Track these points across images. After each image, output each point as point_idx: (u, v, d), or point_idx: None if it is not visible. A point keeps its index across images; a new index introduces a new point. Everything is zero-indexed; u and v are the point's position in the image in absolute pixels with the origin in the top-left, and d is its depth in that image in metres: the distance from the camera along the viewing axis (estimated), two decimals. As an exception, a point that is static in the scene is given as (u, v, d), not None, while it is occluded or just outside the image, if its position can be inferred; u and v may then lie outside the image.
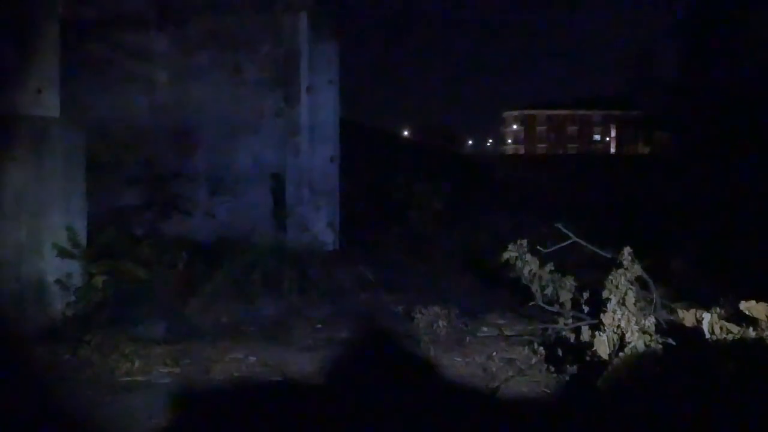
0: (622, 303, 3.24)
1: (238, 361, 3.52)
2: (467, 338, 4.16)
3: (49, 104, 3.97)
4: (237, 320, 4.39)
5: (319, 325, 4.39)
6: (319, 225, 7.60)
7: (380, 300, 5.08)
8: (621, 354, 2.97)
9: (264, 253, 5.83)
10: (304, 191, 7.40)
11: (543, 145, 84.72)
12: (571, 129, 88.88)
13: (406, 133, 54.14)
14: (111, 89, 7.95)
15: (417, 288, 5.50)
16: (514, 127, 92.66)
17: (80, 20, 7.48)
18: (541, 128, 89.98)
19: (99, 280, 3.99)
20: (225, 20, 7.69)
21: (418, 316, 4.38)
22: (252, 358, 3.57)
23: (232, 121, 7.61)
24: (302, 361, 3.55)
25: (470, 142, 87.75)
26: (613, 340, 3.08)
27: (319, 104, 7.75)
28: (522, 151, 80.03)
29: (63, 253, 3.86)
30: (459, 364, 3.66)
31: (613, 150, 74.70)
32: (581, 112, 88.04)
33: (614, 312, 3.18)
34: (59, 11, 4.10)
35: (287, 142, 7.37)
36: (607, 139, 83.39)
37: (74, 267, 3.96)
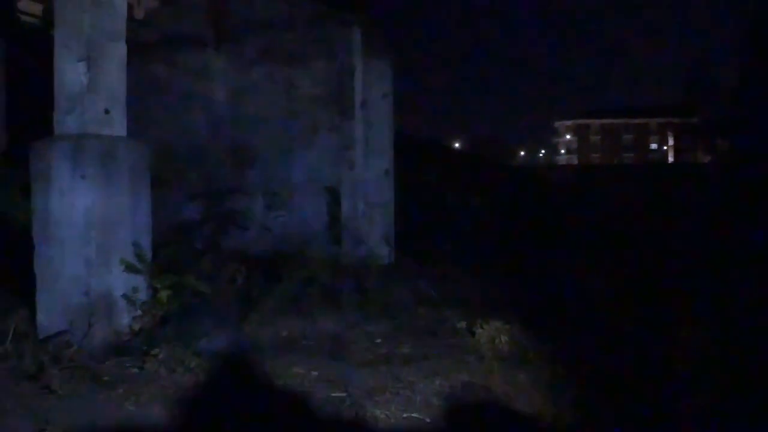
0: None
1: (300, 376, 3.51)
2: (530, 353, 4.05)
3: (116, 124, 4.09)
4: (296, 335, 4.39)
5: (379, 340, 4.34)
6: (374, 238, 7.60)
7: (440, 314, 5.00)
8: None
9: (321, 267, 5.86)
10: (359, 204, 7.42)
11: (597, 155, 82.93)
12: (626, 138, 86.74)
13: (457, 144, 53.94)
14: (171, 107, 8.21)
15: (476, 302, 5.41)
16: (567, 137, 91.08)
17: (142, 42, 7.75)
18: (594, 138, 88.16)
19: (164, 295, 4.07)
20: (279, 37, 7.83)
21: (479, 330, 4.29)
22: (314, 373, 3.55)
23: (287, 136, 7.72)
24: (364, 377, 3.51)
25: (522, 153, 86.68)
26: None
27: (373, 118, 7.78)
28: (575, 161, 78.52)
29: (130, 268, 3.94)
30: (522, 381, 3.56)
31: (671, 159, 72.50)
32: (637, 120, 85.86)
33: None
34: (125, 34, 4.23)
35: (342, 156, 7.42)
36: (665, 147, 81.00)
37: (140, 281, 4.04)
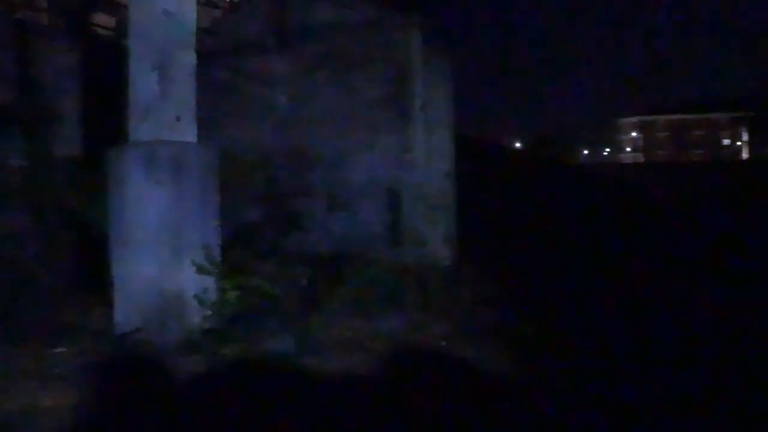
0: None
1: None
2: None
3: (186, 130, 4.24)
4: (360, 336, 4.43)
5: (443, 343, 4.34)
6: (435, 240, 7.58)
7: (503, 317, 4.95)
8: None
9: (383, 269, 5.89)
10: (420, 206, 7.42)
11: (664, 153, 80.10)
12: (696, 134, 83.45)
13: (518, 144, 53.19)
14: (235, 112, 8.44)
15: (540, 305, 5.32)
16: (633, 134, 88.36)
17: (206, 49, 8.01)
18: (661, 134, 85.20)
19: (232, 295, 4.19)
20: (339, 41, 7.93)
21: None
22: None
23: (348, 139, 7.80)
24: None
25: (585, 152, 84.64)
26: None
27: (434, 119, 7.76)
28: (641, 159, 76.08)
29: (200, 270, 4.08)
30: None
31: (745, 155, 69.23)
32: (706, 115, 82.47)
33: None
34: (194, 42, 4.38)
35: (402, 158, 7.44)
36: (738, 143, 77.42)
37: (209, 282, 4.18)
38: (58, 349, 3.78)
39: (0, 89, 7.61)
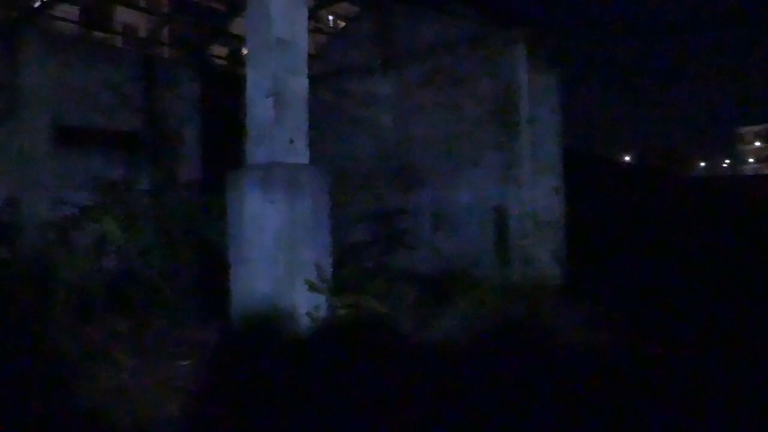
0: None
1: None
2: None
3: (299, 152, 4.40)
4: (468, 356, 4.35)
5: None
6: (544, 258, 7.37)
7: (619, 338, 4.70)
8: None
9: (490, 288, 5.79)
10: (528, 224, 7.26)
11: (792, 163, 73.82)
12: (831, 142, 76.33)
13: (627, 158, 50.94)
14: (341, 133, 8.68)
15: (659, 325, 5.01)
16: (756, 144, 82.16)
17: (312, 74, 8.31)
18: (789, 143, 78.63)
19: (342, 313, 4.26)
20: (443, 60, 7.98)
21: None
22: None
23: (453, 157, 7.80)
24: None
25: (702, 164, 79.60)
26: None
27: (541, 134, 7.60)
28: (767, 170, 70.50)
29: (313, 288, 4.19)
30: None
31: None
32: None
33: None
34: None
35: (508, 174, 7.33)
36: None
37: (321, 300, 4.27)
38: (183, 362, 3.98)
39: (130, 119, 8.29)
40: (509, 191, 7.24)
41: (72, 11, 16.73)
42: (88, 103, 7.85)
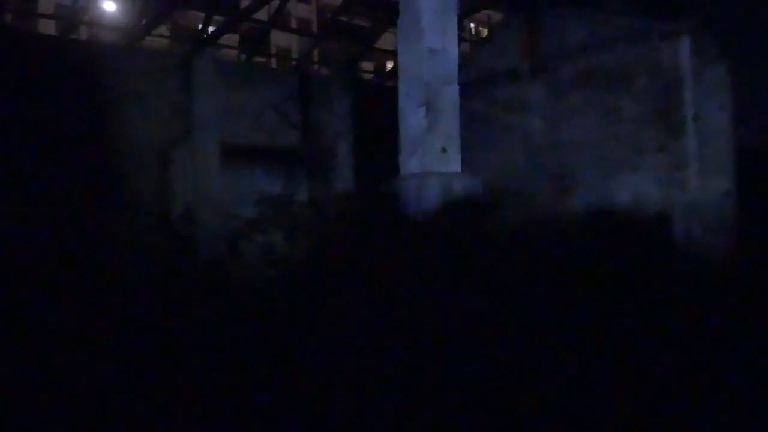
0: None
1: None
2: None
3: (452, 161, 4.40)
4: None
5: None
6: (714, 266, 6.75)
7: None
8: None
9: (655, 299, 5.41)
10: (695, 230, 6.70)
11: None
12: None
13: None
14: (490, 140, 8.58)
15: None
16: None
17: (460, 82, 8.32)
18: None
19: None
20: (597, 59, 7.61)
21: None
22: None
23: (609, 160, 7.41)
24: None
25: None
26: None
27: (709, 133, 6.99)
28: None
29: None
30: None
31: None
32: None
33: None
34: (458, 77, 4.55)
35: (672, 177, 6.83)
36: None
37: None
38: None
39: (288, 135, 8.82)
40: (673, 195, 6.74)
41: (233, 38, 18.22)
42: (252, 122, 8.46)
